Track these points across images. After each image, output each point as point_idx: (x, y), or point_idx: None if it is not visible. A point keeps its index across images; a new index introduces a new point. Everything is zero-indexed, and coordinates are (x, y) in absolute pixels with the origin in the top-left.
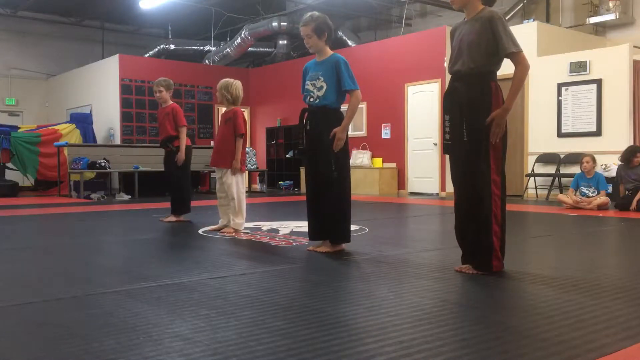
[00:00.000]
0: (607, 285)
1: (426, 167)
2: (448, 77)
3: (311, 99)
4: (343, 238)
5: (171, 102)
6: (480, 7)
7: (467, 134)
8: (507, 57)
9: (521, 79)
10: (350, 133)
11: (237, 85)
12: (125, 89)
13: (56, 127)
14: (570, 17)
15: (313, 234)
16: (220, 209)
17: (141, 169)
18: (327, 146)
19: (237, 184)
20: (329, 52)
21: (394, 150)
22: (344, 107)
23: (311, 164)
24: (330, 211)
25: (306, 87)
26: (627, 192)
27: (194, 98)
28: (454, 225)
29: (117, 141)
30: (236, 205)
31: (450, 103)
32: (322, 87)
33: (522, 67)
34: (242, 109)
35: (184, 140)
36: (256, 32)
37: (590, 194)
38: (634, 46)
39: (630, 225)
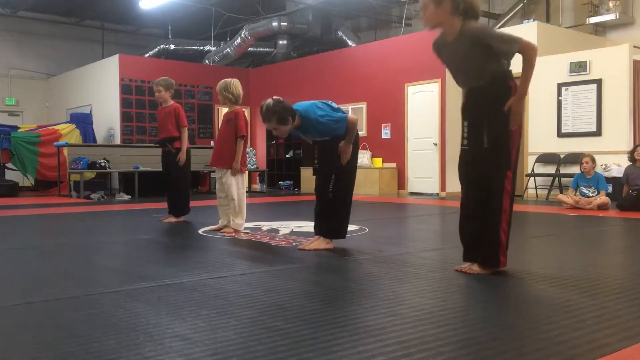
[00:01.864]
0: (607, 285)
1: (426, 167)
2: (448, 77)
3: None
4: (332, 233)
5: (172, 101)
6: (458, 24)
7: (488, 140)
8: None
9: (531, 61)
10: None
11: (236, 83)
12: (125, 89)
13: (56, 127)
14: (570, 17)
15: (315, 229)
16: (220, 209)
17: (141, 169)
18: (334, 163)
19: (237, 185)
20: (299, 121)
21: (394, 150)
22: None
23: (320, 177)
24: (329, 210)
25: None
26: (630, 192)
27: (194, 98)
28: (459, 222)
29: (117, 141)
30: (236, 206)
31: (472, 111)
32: (324, 138)
33: (529, 51)
34: (242, 109)
35: (185, 141)
36: (256, 32)
37: (590, 194)
38: (634, 46)
39: (630, 226)
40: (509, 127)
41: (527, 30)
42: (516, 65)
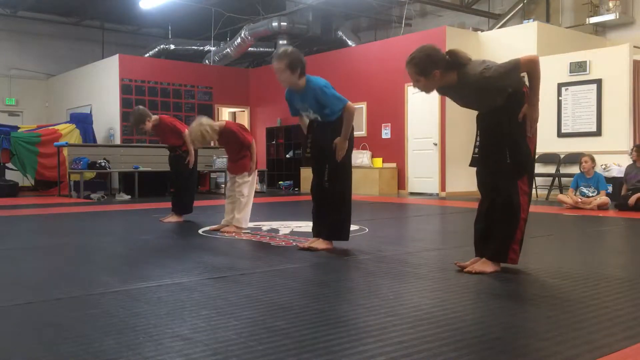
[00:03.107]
0: (607, 285)
1: (426, 167)
2: None
3: (313, 120)
4: (334, 235)
5: (157, 117)
6: (454, 76)
7: (510, 155)
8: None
9: (534, 73)
10: None
11: (208, 128)
12: (125, 89)
13: (56, 127)
14: (570, 17)
15: (313, 230)
16: (227, 206)
17: (141, 169)
18: (328, 154)
19: (250, 184)
20: (304, 82)
21: (394, 150)
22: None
23: (315, 168)
24: (327, 209)
25: (304, 114)
26: (629, 191)
27: (194, 98)
28: (475, 219)
29: (117, 141)
30: (243, 202)
31: (488, 124)
32: (316, 116)
33: (529, 63)
34: (242, 109)
35: (190, 144)
36: (256, 32)
37: (590, 194)
38: (634, 46)
39: (630, 226)
40: (526, 135)
41: (527, 30)
42: None
